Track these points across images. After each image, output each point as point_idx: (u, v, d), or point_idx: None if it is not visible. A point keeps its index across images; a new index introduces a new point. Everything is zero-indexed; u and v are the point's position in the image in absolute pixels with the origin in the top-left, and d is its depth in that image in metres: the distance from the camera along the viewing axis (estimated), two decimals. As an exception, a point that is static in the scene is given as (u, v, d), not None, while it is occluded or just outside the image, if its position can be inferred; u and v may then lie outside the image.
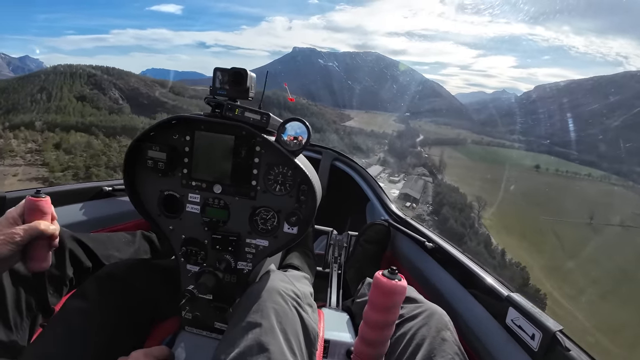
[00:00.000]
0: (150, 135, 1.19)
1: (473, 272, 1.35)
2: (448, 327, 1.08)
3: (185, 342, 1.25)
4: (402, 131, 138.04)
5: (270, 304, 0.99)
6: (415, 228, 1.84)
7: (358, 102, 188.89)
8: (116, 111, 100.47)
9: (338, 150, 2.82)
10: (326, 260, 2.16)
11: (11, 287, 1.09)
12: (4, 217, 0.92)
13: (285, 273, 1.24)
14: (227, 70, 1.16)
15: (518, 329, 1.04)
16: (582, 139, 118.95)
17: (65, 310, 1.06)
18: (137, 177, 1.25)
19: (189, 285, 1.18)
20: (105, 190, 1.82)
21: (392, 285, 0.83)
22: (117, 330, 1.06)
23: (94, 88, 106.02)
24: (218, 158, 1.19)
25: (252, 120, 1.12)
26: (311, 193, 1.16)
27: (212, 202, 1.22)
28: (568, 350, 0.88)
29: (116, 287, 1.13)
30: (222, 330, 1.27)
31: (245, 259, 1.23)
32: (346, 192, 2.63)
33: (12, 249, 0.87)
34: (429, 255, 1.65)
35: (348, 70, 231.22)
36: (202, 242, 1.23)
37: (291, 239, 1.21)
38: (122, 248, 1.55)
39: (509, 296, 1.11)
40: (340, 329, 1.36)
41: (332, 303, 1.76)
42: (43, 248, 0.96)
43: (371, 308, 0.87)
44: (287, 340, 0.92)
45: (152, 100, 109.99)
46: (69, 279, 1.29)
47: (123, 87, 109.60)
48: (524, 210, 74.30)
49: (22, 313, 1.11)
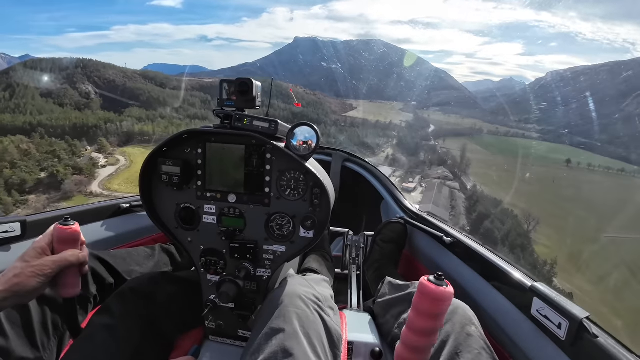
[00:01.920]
0: (163, 150, 1.22)
1: (494, 264, 1.33)
2: (473, 322, 1.06)
3: (210, 352, 1.28)
4: (410, 121, 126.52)
5: (292, 308, 0.99)
6: (432, 224, 1.83)
7: (362, 92, 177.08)
8: (83, 107, 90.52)
9: (348, 151, 2.80)
10: (344, 262, 2.16)
11: (37, 307, 1.12)
12: (33, 248, 0.91)
13: (304, 277, 1.24)
14: (233, 82, 1.17)
15: (544, 319, 1.02)
16: (605, 128, 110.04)
17: (90, 327, 1.07)
18: (153, 192, 1.28)
19: (210, 295, 1.20)
20: (123, 207, 1.87)
21: (440, 292, 0.82)
22: (142, 344, 1.08)
23: (65, 83, 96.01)
24: (230, 168, 1.21)
25: (260, 128, 1.13)
26: (324, 196, 1.17)
27: (227, 211, 1.24)
28: (596, 337, 0.87)
29: (139, 302, 1.15)
30: (245, 337, 1.29)
31: (264, 265, 1.25)
32: (359, 193, 2.64)
33: (42, 281, 0.87)
34: (448, 250, 1.64)
35: (350, 59, 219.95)
36: (220, 252, 1.26)
37: (308, 243, 1.21)
38: (143, 262, 1.59)
39: (532, 286, 1.10)
40: (363, 330, 1.35)
41: (354, 304, 1.75)
42: (73, 275, 0.97)
43: (417, 314, 0.85)
44: (311, 344, 0.92)
45: (127, 93, 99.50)
46: (93, 297, 1.33)
47: (98, 81, 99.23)
48: (583, 226, 60.47)
49: (49, 333, 1.14)
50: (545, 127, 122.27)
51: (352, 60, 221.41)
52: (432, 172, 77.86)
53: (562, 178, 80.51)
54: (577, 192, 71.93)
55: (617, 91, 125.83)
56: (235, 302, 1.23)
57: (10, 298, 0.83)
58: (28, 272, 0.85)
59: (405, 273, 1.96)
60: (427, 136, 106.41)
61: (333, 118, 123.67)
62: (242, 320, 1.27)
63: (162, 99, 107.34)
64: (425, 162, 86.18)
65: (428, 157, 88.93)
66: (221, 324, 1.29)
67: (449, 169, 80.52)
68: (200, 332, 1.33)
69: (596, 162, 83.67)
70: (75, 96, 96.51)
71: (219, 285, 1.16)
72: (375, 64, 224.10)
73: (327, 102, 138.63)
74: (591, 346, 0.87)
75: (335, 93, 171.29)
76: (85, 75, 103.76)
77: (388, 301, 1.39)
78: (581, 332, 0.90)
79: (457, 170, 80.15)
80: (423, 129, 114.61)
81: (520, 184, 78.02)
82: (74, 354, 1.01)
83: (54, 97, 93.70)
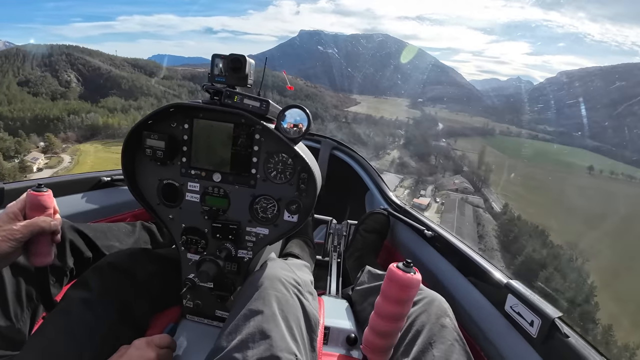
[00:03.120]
0: (149, 123, 1.18)
1: (472, 260, 1.36)
2: (447, 314, 1.08)
3: (186, 330, 1.27)
4: (418, 119, 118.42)
5: (271, 291, 0.99)
6: (414, 217, 1.86)
7: (366, 87, 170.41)
8: (58, 96, 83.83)
9: (337, 139, 2.81)
10: (326, 249, 2.18)
11: (11, 278, 1.09)
12: (5, 212, 0.91)
13: (285, 261, 1.24)
14: (226, 57, 1.13)
15: (517, 316, 1.04)
16: (618, 131, 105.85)
17: (66, 301, 1.05)
18: (136, 166, 1.24)
19: (189, 274, 1.20)
20: (103, 180, 1.83)
21: (408, 279, 0.82)
22: (118, 319, 1.07)
23: (47, 70, 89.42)
24: (217, 146, 1.19)
25: (251, 107, 1.10)
26: (311, 181, 1.16)
27: (211, 190, 1.22)
28: (567, 337, 0.89)
29: (117, 277, 1.13)
30: (223, 318, 1.29)
31: (245, 247, 1.24)
32: (345, 182, 2.65)
33: (13, 245, 0.86)
34: (428, 244, 1.67)
35: (354, 53, 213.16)
36: (202, 231, 1.24)
37: (291, 227, 1.21)
38: (123, 238, 1.56)
39: (508, 283, 1.12)
40: (340, 316, 1.37)
41: (332, 291, 1.78)
42: (45, 243, 0.96)
43: (384, 300, 0.86)
44: (288, 327, 0.93)
45: (110, 81, 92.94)
46: (70, 269, 1.30)
47: (82, 68, 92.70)
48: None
49: (22, 304, 1.12)
50: (557, 129, 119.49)
51: (356, 53, 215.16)
52: (447, 181, 66.96)
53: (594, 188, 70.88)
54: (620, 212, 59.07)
55: (633, 93, 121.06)
56: (214, 282, 1.22)
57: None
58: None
59: (385, 263, 1.94)
60: (436, 135, 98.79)
61: (333, 113, 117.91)
62: (220, 301, 1.26)
63: (145, 87, 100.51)
64: (438, 167, 75.84)
65: (440, 161, 78.69)
66: (199, 304, 1.28)
67: (466, 178, 70.32)
68: (177, 311, 1.32)
69: (618, 169, 77.06)
70: (54, 84, 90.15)
71: (199, 264, 1.13)
72: (381, 58, 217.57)
73: (328, 95, 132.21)
74: (561, 345, 0.89)
75: (338, 87, 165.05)
76: (69, 63, 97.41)
77: (366, 289, 1.41)
78: (553, 330, 0.92)
79: (476, 179, 69.87)
80: (431, 127, 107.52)
81: (557, 200, 67.62)
82: (48, 327, 0.99)
83: (31, 85, 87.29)
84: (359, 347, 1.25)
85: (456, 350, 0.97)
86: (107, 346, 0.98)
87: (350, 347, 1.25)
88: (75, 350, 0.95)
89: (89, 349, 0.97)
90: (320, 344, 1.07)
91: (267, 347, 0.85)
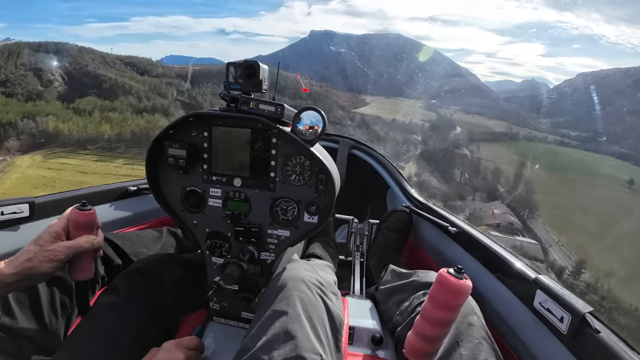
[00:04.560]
0: (170, 133, 1.22)
1: (499, 255, 1.33)
2: (475, 312, 1.06)
3: (213, 332, 1.30)
4: (434, 121, 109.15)
5: (295, 292, 1.00)
6: (437, 213, 1.84)
7: (377, 87, 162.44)
8: (35, 97, 77.10)
9: (356, 138, 2.79)
10: (348, 249, 2.18)
11: (45, 287, 1.13)
12: (47, 232, 0.90)
13: (308, 262, 1.25)
14: (240, 64, 1.16)
15: (546, 312, 1.02)
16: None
17: (97, 306, 1.09)
18: (160, 175, 1.29)
19: (215, 277, 1.23)
20: (130, 189, 1.89)
21: (460, 285, 0.82)
22: (147, 323, 1.10)
23: (30, 69, 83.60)
24: (236, 152, 1.22)
25: (266, 112, 1.13)
26: (329, 182, 1.17)
27: (232, 195, 1.25)
28: (598, 332, 0.87)
29: (145, 282, 1.17)
30: (248, 319, 1.31)
31: (268, 249, 1.26)
32: (365, 180, 2.64)
33: (55, 266, 0.87)
34: (453, 240, 1.64)
35: (365, 53, 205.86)
36: (225, 235, 1.27)
37: (312, 229, 1.22)
38: (150, 245, 1.61)
39: (536, 279, 1.09)
40: (365, 316, 1.37)
41: (356, 291, 1.78)
42: (87, 260, 0.98)
43: (433, 305, 0.86)
44: (313, 328, 0.93)
45: (93, 79, 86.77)
46: (101, 277, 1.35)
47: (69, 66, 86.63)
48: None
49: (57, 312, 1.15)
50: (580, 133, 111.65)
51: (368, 53, 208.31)
52: (482, 211, 49.11)
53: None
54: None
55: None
56: (239, 285, 1.26)
57: (22, 281, 0.84)
58: (41, 257, 0.85)
59: (409, 261, 1.96)
60: (456, 142, 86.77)
61: (339, 114, 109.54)
62: (245, 303, 1.29)
63: (127, 86, 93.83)
64: (464, 184, 60.26)
65: (467, 177, 63.70)
66: (225, 306, 1.32)
67: (508, 206, 53.11)
68: (204, 313, 1.35)
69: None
70: (32, 84, 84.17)
71: (223, 268, 1.17)
72: (394, 58, 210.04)
73: (335, 95, 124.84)
74: (593, 341, 0.87)
75: (348, 87, 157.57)
76: (56, 61, 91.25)
77: (391, 288, 1.39)
78: (583, 326, 0.90)
79: (516, 203, 54.42)
80: (449, 131, 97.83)
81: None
82: (80, 332, 1.03)
83: (9, 85, 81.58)
84: (384, 347, 1.25)
85: (484, 349, 0.96)
86: (136, 348, 1.00)
87: (376, 347, 1.25)
88: (105, 353, 0.98)
89: (118, 351, 0.99)
90: (345, 344, 1.07)
91: (292, 348, 0.86)
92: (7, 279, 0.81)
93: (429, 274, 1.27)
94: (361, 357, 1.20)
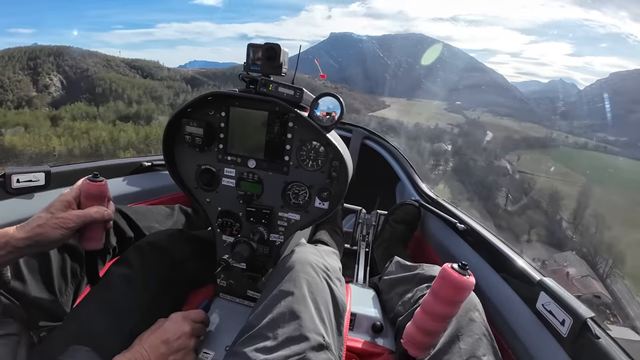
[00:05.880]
0: (188, 111, 1.23)
1: (505, 255, 1.34)
2: (477, 308, 1.07)
3: (219, 308, 1.33)
4: (463, 126, 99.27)
5: (302, 274, 1.02)
6: (446, 209, 1.84)
7: (397, 88, 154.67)
8: (25, 104, 72.32)
9: (369, 128, 2.77)
10: (354, 238, 2.20)
11: (57, 254, 1.16)
12: (59, 200, 0.92)
13: (316, 247, 1.27)
14: (261, 46, 1.15)
15: (548, 314, 1.03)
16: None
17: (108, 276, 1.11)
18: (176, 152, 1.30)
19: (224, 255, 1.28)
20: (144, 165, 1.94)
21: (463, 281, 0.82)
22: (157, 295, 1.13)
23: (29, 74, 79.92)
24: (252, 133, 1.22)
25: (285, 95, 1.12)
26: (343, 169, 1.17)
27: (246, 176, 1.26)
28: (597, 338, 0.87)
29: (157, 255, 1.20)
30: (254, 298, 1.34)
31: (277, 231, 1.28)
32: (376, 171, 2.63)
33: (64, 233, 0.89)
34: (460, 237, 1.65)
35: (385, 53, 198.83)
36: (236, 214, 1.29)
37: (322, 214, 1.23)
38: (162, 220, 1.65)
39: (541, 280, 1.10)
40: (367, 304, 1.39)
41: (359, 279, 1.81)
42: (97, 230, 0.99)
43: (435, 299, 0.87)
44: (317, 310, 0.96)
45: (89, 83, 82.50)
46: (112, 248, 1.39)
47: (69, 70, 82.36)
48: None
49: (67, 279, 1.19)
50: (618, 138, 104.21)
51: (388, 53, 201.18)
52: (550, 268, 34.99)
53: None
54: None
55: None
56: (247, 264, 1.28)
57: (32, 246, 0.86)
58: (52, 224, 0.87)
59: (414, 255, 1.97)
60: (491, 151, 72.76)
61: (350, 119, 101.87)
62: (252, 282, 1.31)
63: (120, 90, 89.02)
64: (514, 213, 45.02)
65: (513, 201, 49.07)
66: (232, 283, 1.35)
67: (586, 260, 36.53)
68: (212, 289, 1.39)
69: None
70: (25, 90, 79.42)
71: (234, 246, 1.20)
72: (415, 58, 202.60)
73: (350, 96, 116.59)
74: (591, 346, 0.88)
75: (366, 88, 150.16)
76: (55, 65, 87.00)
77: (394, 279, 1.41)
78: (584, 331, 0.91)
79: (597, 255, 38.62)
80: (480, 137, 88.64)
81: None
82: (90, 301, 1.05)
83: (2, 93, 77.25)
84: (384, 335, 1.28)
85: (483, 345, 0.97)
86: (146, 319, 1.02)
87: (376, 335, 1.27)
88: (115, 322, 1.00)
89: (129, 321, 1.02)
90: (346, 330, 1.09)
91: (296, 327, 0.88)
92: (17, 244, 0.83)
93: (434, 268, 1.28)
94: (361, 343, 1.23)
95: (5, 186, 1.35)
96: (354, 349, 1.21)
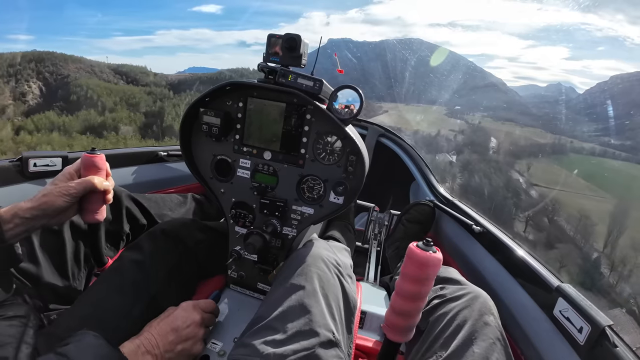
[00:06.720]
0: (205, 101, 1.23)
1: (522, 259, 1.31)
2: (492, 312, 1.05)
3: (229, 299, 1.33)
4: (464, 131, 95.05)
5: (314, 269, 1.01)
6: (462, 211, 1.80)
7: (396, 93, 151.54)
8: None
9: (385, 126, 2.76)
10: (366, 237, 2.18)
11: (71, 240, 1.20)
12: (62, 173, 0.98)
13: (328, 243, 1.26)
14: (281, 37, 1.13)
15: (565, 321, 1.01)
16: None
17: (120, 261, 1.13)
18: (192, 141, 1.30)
19: (236, 246, 1.28)
20: (160, 154, 1.96)
21: (426, 257, 0.81)
22: (167, 283, 1.13)
23: (9, 81, 75.95)
24: (269, 125, 1.21)
25: (304, 86, 1.10)
26: (360, 164, 1.16)
27: (261, 168, 1.25)
28: (615, 347, 0.85)
29: (169, 243, 1.20)
30: (263, 291, 1.33)
31: (290, 224, 1.27)
32: (391, 170, 2.62)
33: (67, 200, 0.92)
34: (476, 240, 1.61)
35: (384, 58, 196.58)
36: (250, 206, 1.28)
37: (336, 209, 1.22)
38: (175, 208, 1.67)
39: (559, 286, 1.07)
40: (378, 303, 1.38)
41: (370, 278, 1.80)
42: (97, 201, 1.01)
43: (403, 279, 0.87)
44: (328, 305, 0.95)
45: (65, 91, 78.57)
46: (126, 234, 1.42)
47: (49, 77, 78.25)
48: None
49: (80, 264, 1.22)
50: (624, 142, 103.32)
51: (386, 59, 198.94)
52: None
53: None
54: None
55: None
56: (259, 256, 1.27)
57: (39, 217, 0.89)
58: (55, 192, 0.91)
59: None
60: (499, 161, 69.07)
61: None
62: (262, 274, 1.31)
63: (95, 97, 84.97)
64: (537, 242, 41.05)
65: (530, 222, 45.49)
66: (243, 275, 1.34)
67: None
68: (222, 280, 1.39)
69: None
70: (1, 98, 74.95)
71: (246, 237, 1.19)
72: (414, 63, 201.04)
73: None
74: (609, 355, 0.86)
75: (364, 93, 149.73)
76: (35, 71, 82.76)
77: None
78: (601, 339, 0.89)
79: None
80: (485, 144, 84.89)
81: None
82: (101, 283, 1.07)
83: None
84: None
85: (497, 350, 0.95)
86: (155, 306, 1.04)
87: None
88: (125, 306, 1.01)
89: (138, 306, 1.03)
90: (356, 328, 1.08)
91: (306, 322, 0.87)
92: (25, 214, 0.86)
93: (448, 270, 1.26)
94: (371, 342, 1.21)
95: (23, 170, 1.38)
96: (363, 347, 1.19)
